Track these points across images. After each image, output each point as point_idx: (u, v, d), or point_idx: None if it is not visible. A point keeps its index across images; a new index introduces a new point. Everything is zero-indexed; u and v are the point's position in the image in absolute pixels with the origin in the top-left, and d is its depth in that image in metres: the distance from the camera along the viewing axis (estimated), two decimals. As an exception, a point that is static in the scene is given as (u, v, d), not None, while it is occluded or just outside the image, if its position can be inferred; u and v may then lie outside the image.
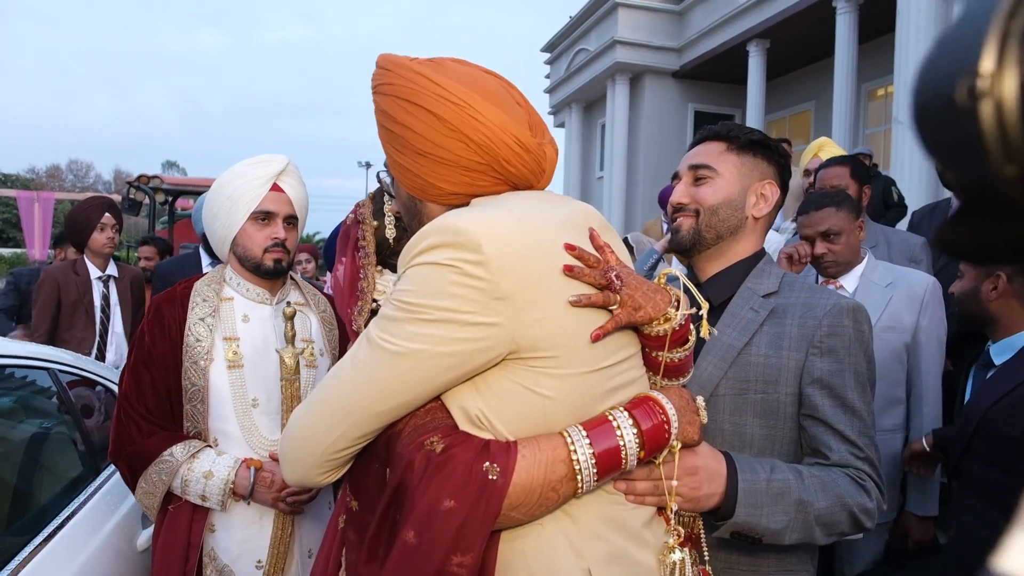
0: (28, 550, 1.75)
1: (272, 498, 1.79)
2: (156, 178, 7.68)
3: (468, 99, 1.02)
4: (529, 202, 1.05)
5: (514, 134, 1.04)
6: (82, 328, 3.81)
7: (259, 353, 1.88)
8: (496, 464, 0.91)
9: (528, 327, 0.93)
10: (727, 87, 14.95)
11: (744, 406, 1.39)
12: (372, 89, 1.11)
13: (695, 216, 1.47)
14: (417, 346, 0.93)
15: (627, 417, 0.99)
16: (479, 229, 0.93)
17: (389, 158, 1.12)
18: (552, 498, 0.94)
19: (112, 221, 3.90)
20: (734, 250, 1.49)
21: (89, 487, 2.17)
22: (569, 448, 0.95)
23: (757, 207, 1.48)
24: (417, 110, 1.03)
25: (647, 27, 14.56)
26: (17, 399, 2.28)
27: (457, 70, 1.09)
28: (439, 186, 1.06)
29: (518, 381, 0.96)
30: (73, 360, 2.50)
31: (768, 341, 1.40)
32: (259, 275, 1.92)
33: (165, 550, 1.80)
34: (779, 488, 1.23)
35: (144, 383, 1.82)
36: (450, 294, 0.92)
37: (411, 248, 0.98)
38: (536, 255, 0.96)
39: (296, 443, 1.03)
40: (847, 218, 2.43)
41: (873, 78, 11.79)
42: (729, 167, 1.47)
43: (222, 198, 1.88)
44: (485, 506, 0.90)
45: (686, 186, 1.50)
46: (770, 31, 12.12)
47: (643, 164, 15.13)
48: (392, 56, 1.10)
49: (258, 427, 1.86)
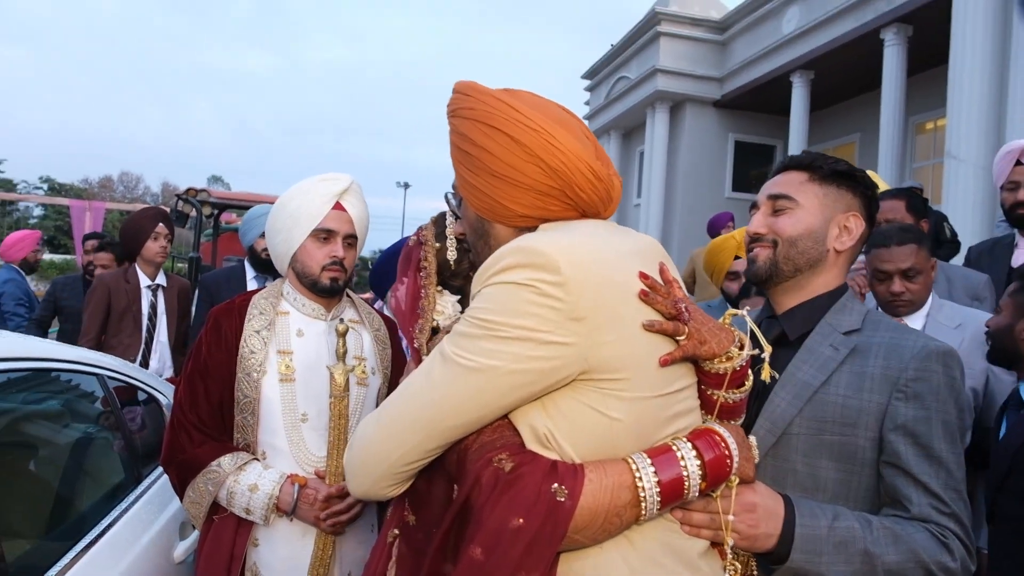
0: (70, 556, 1.75)
1: (314, 516, 1.77)
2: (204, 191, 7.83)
3: (546, 126, 1.07)
4: (598, 231, 1.08)
5: (587, 162, 1.08)
6: (129, 335, 3.87)
7: (311, 368, 1.87)
8: (564, 486, 0.92)
9: (600, 348, 0.96)
10: (769, 118, 14.84)
11: (819, 447, 1.32)
12: (450, 113, 1.16)
13: (772, 247, 1.44)
14: (493, 362, 0.95)
15: (690, 448, 1.01)
16: (558, 251, 0.96)
17: (461, 179, 1.15)
18: (615, 523, 0.96)
19: (165, 231, 3.98)
20: (814, 284, 1.44)
21: (131, 495, 2.17)
22: (634, 475, 0.96)
23: (840, 240, 1.43)
24: (496, 134, 1.08)
25: (689, 56, 14.56)
26: (64, 402, 2.31)
27: (533, 100, 1.14)
28: (510, 208, 1.10)
29: (586, 402, 0.98)
30: (121, 366, 2.53)
31: (848, 381, 1.33)
32: (315, 292, 1.93)
33: (209, 561, 1.79)
34: (842, 536, 1.18)
35: (198, 393, 1.84)
36: (528, 313, 0.95)
37: (488, 268, 1.01)
38: (609, 280, 0.99)
39: (365, 455, 1.05)
40: (926, 256, 2.33)
41: (922, 111, 11.58)
42: (810, 198, 1.43)
43: (285, 214, 1.89)
44: (552, 527, 0.91)
45: (764, 216, 1.46)
46: (814, 62, 12.02)
47: (681, 193, 15.04)
48: (472, 83, 1.15)
49: (306, 442, 1.85)
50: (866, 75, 11.59)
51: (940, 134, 10.39)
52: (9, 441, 1.97)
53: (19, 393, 2.05)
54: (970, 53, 7.90)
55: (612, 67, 17.07)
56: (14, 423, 1.99)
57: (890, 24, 10.28)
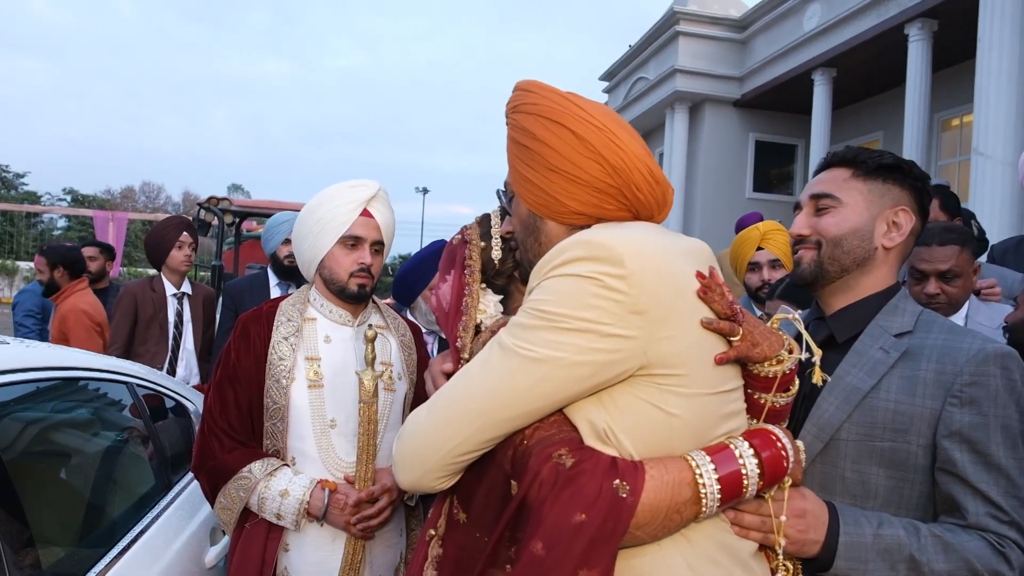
0: (104, 562, 1.76)
1: (344, 521, 1.78)
2: (225, 200, 7.90)
3: (609, 125, 1.10)
4: (652, 230, 1.08)
5: (646, 163, 1.11)
6: (155, 343, 3.91)
7: (339, 374, 1.88)
8: (626, 482, 0.93)
9: (660, 343, 0.97)
10: (790, 116, 14.69)
11: (869, 454, 1.28)
12: (511, 110, 1.17)
13: (816, 248, 1.40)
14: (555, 353, 0.96)
15: (747, 445, 1.02)
16: (621, 246, 0.98)
17: (516, 174, 1.17)
18: (675, 520, 0.97)
19: (189, 240, 4.03)
20: (863, 284, 1.39)
21: (162, 501, 2.19)
22: (694, 471, 0.97)
23: (888, 236, 1.38)
24: (558, 128, 1.10)
25: (708, 56, 14.47)
26: (94, 410, 2.33)
27: (595, 103, 1.16)
28: (565, 204, 1.11)
29: (645, 398, 0.99)
30: (149, 374, 2.55)
31: (899, 386, 1.29)
32: (343, 298, 1.94)
33: (240, 567, 1.81)
34: (887, 544, 1.17)
35: (228, 399, 1.85)
36: (591, 305, 0.95)
37: (550, 260, 1.01)
38: (669, 275, 1.00)
39: (416, 446, 1.05)
40: (968, 259, 2.24)
41: (948, 107, 11.41)
42: (855, 195, 1.39)
43: (313, 220, 1.90)
44: (614, 522, 0.91)
45: (807, 216, 1.43)
46: (836, 59, 11.88)
47: (701, 194, 14.94)
48: (536, 81, 1.18)
49: (335, 448, 1.86)
50: (890, 71, 11.43)
51: (966, 131, 10.23)
52: (42, 449, 1.99)
53: (50, 402, 2.07)
54: (997, 47, 7.76)
55: (630, 68, 17.01)
56: (46, 431, 2.01)
57: (914, 19, 10.14)
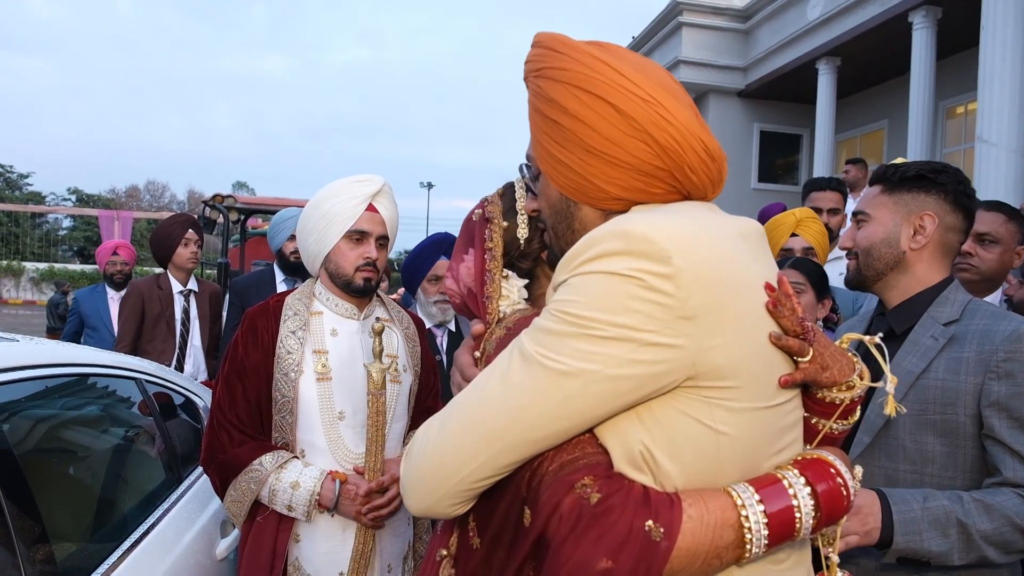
0: (116, 555, 1.79)
1: (355, 511, 1.81)
2: (230, 197, 7.93)
3: (657, 95, 0.92)
4: (701, 212, 0.94)
5: (702, 139, 0.94)
6: (163, 340, 3.94)
7: (346, 367, 1.91)
8: (660, 523, 0.80)
9: (711, 352, 0.83)
10: (795, 106, 14.62)
11: (924, 426, 1.51)
12: (532, 72, 0.99)
13: (856, 258, 1.66)
14: (587, 366, 0.82)
15: (800, 477, 0.88)
16: (667, 238, 0.82)
17: (542, 151, 1.00)
18: (714, 565, 0.84)
19: (195, 237, 4.06)
20: (904, 282, 1.62)
21: (172, 495, 2.21)
22: (739, 510, 0.83)
23: (915, 240, 1.59)
24: (597, 102, 0.92)
25: (712, 46, 14.40)
26: (104, 407, 2.36)
27: (635, 60, 0.97)
28: (605, 189, 0.95)
29: (689, 413, 0.85)
30: (158, 370, 2.58)
31: (946, 367, 1.51)
32: (349, 292, 1.96)
33: (252, 558, 1.84)
34: (935, 514, 1.38)
35: (236, 393, 1.87)
36: (630, 309, 0.81)
37: (580, 253, 0.86)
38: (723, 272, 0.85)
39: (428, 470, 0.91)
40: (1011, 233, 2.28)
41: (952, 95, 11.34)
42: (880, 209, 1.63)
43: (318, 215, 1.92)
44: (645, 571, 0.79)
45: (851, 230, 1.69)
46: (841, 48, 11.81)
47: (706, 184, 14.90)
48: (562, 36, 0.98)
49: (344, 439, 1.89)
50: (894, 60, 11.36)
51: (971, 118, 10.15)
52: (53, 446, 2.01)
53: (60, 399, 2.10)
54: (1000, 35, 7.71)
55: (633, 60, 16.95)
56: (57, 428, 2.03)
57: (918, 7, 10.06)
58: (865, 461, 1.55)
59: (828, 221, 3.54)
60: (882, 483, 1.53)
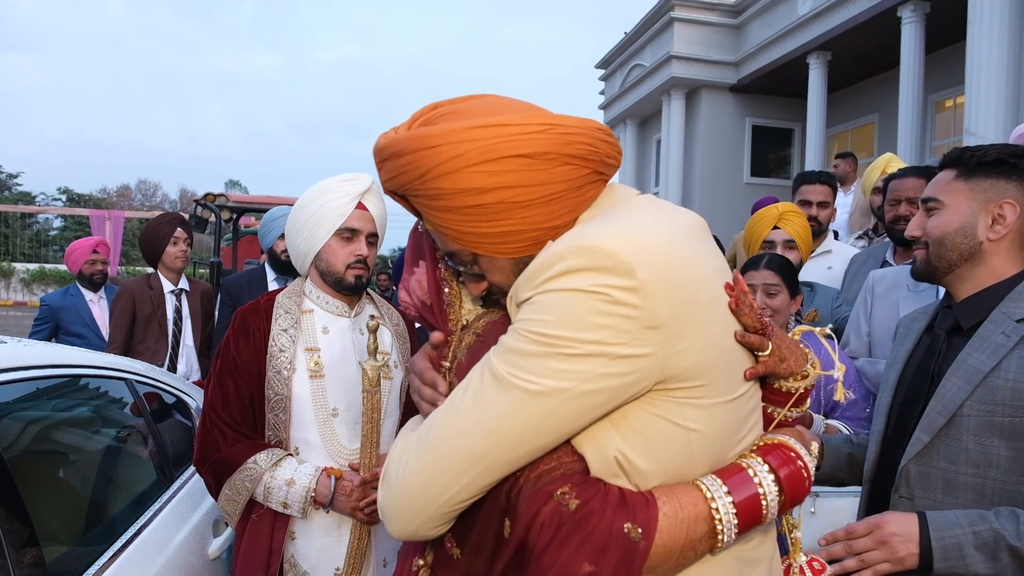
0: (106, 557, 1.79)
1: (351, 507, 1.83)
2: (222, 196, 7.91)
3: (543, 119, 0.93)
4: (650, 212, 0.95)
5: (597, 127, 0.96)
6: (155, 340, 3.93)
7: (338, 364, 1.92)
8: (637, 524, 0.83)
9: (678, 356, 0.85)
10: (786, 101, 14.67)
11: (990, 428, 1.42)
12: (414, 180, 0.94)
13: (925, 248, 1.55)
14: (561, 384, 0.83)
15: (763, 465, 0.93)
16: (629, 250, 0.83)
17: (472, 237, 0.97)
18: (689, 556, 0.88)
19: (184, 235, 4.04)
20: (978, 274, 1.52)
21: (164, 495, 2.22)
22: (708, 501, 0.88)
23: (993, 230, 1.49)
24: (506, 163, 0.90)
25: (703, 41, 14.43)
26: (95, 408, 2.36)
27: (483, 105, 0.98)
28: (554, 225, 0.95)
29: (660, 414, 0.88)
30: (148, 371, 2.58)
31: (1018, 366, 1.41)
32: (340, 290, 1.97)
33: (247, 557, 1.85)
34: (984, 538, 1.33)
35: (229, 392, 1.88)
36: (599, 325, 0.82)
37: (541, 271, 0.86)
38: (683, 276, 0.87)
39: (408, 496, 0.91)
40: None
41: (941, 88, 11.40)
42: (955, 196, 1.51)
43: (308, 213, 1.92)
44: (626, 571, 0.82)
45: (919, 218, 1.58)
46: (831, 43, 11.86)
47: (699, 180, 14.94)
48: (420, 134, 0.93)
49: (338, 436, 1.90)
50: (884, 54, 11.41)
51: (960, 112, 10.19)
52: (43, 447, 2.01)
53: (50, 400, 2.10)
54: (987, 29, 7.76)
55: (626, 55, 16.96)
56: (47, 429, 2.03)
57: (907, 1, 10.12)
58: (923, 461, 1.50)
59: (818, 214, 3.56)
60: (940, 486, 1.47)
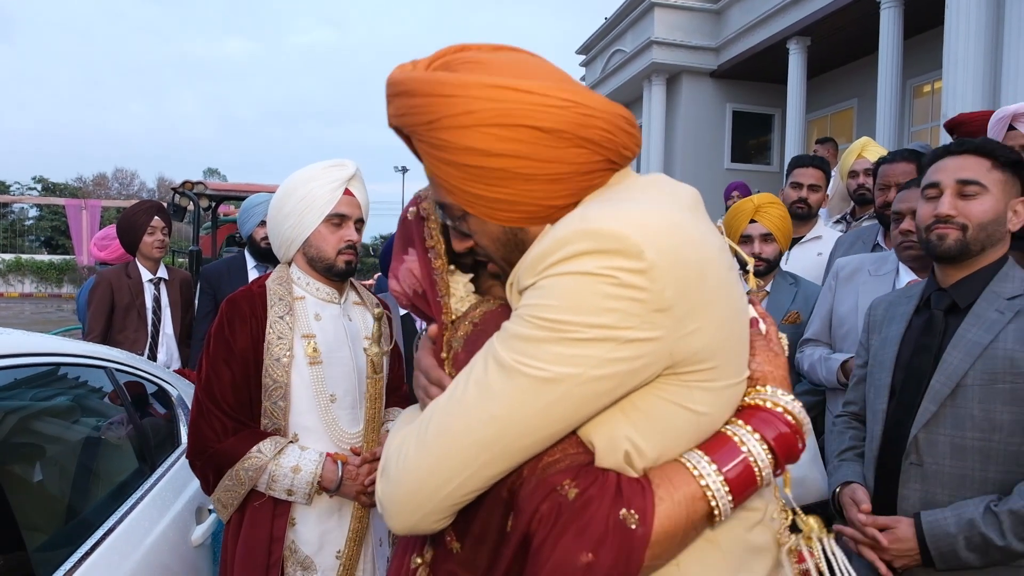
0: (88, 545, 1.78)
1: (356, 491, 1.85)
2: (200, 184, 7.83)
3: (567, 94, 0.87)
4: (655, 191, 0.92)
5: (621, 114, 0.92)
6: (134, 330, 3.89)
7: (333, 350, 1.94)
8: (633, 509, 0.81)
9: (688, 339, 0.83)
10: (766, 86, 14.73)
11: (993, 395, 1.58)
12: (420, 124, 0.90)
13: (961, 230, 1.64)
14: (569, 370, 0.80)
15: (747, 429, 0.89)
16: (636, 231, 0.81)
17: (467, 196, 0.93)
18: (692, 536, 0.87)
19: (161, 224, 3.98)
20: (983, 258, 1.68)
21: (145, 483, 2.21)
22: (696, 479, 0.85)
23: (1012, 222, 1.66)
24: (519, 132, 0.86)
25: (684, 27, 14.43)
26: (75, 397, 2.34)
27: (519, 62, 0.93)
28: (553, 204, 0.92)
29: (670, 399, 0.86)
30: (128, 359, 2.56)
31: (1014, 337, 1.58)
32: (330, 276, 1.98)
33: (248, 545, 1.84)
34: (975, 543, 1.52)
35: (224, 380, 1.85)
36: (607, 308, 0.80)
37: (546, 256, 0.84)
38: (690, 257, 0.83)
39: (409, 489, 0.88)
40: None
41: (919, 74, 11.50)
42: (997, 186, 1.64)
43: (294, 200, 1.92)
44: (627, 561, 0.80)
45: (953, 198, 1.66)
46: (811, 28, 11.91)
47: (680, 166, 14.98)
48: (439, 77, 0.88)
49: (338, 421, 1.92)
50: (863, 39, 11.48)
51: (938, 97, 10.31)
52: (23, 437, 1.99)
53: (30, 389, 2.08)
54: (964, 13, 7.83)
55: (607, 41, 16.92)
56: (27, 419, 2.01)
57: (885, -14, 10.17)
58: (931, 430, 1.63)
59: (808, 197, 3.62)
60: (948, 451, 1.62)
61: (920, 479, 1.66)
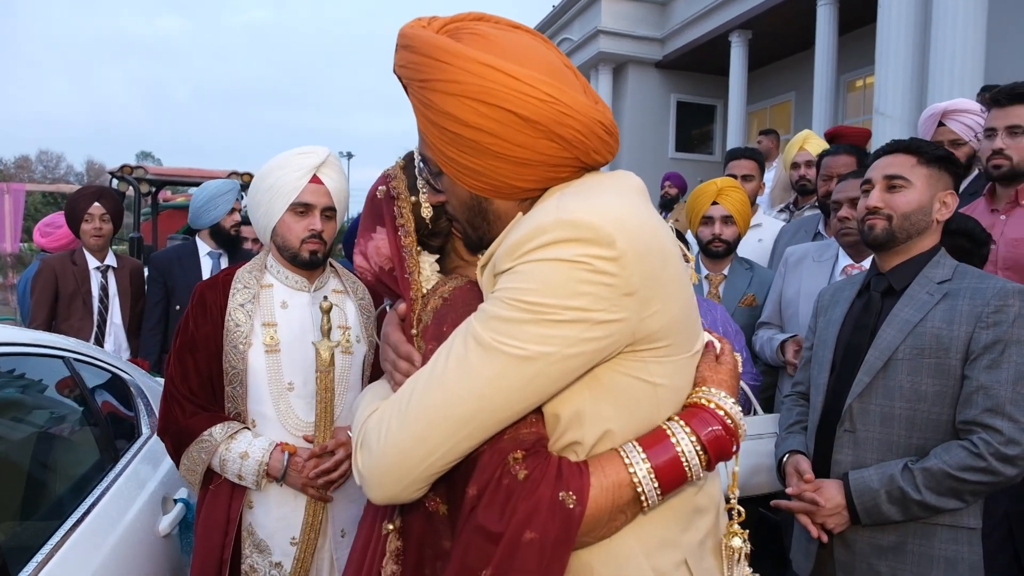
0: (56, 539, 1.75)
1: (301, 483, 1.86)
2: (140, 168, 7.54)
3: (553, 91, 0.94)
4: (617, 190, 0.99)
5: (600, 121, 0.98)
6: (79, 318, 3.78)
7: (296, 339, 1.94)
8: (571, 491, 0.90)
9: (648, 320, 0.92)
10: (710, 78, 15.05)
11: (920, 368, 1.75)
12: (415, 80, 0.97)
13: (887, 220, 1.84)
14: (545, 349, 0.88)
15: (683, 427, 0.97)
16: (609, 222, 0.88)
17: (443, 156, 1.01)
18: (620, 519, 0.95)
19: (101, 211, 3.84)
20: (916, 246, 1.85)
21: (110, 474, 2.17)
22: (627, 467, 0.93)
23: (940, 212, 1.84)
24: (497, 112, 0.93)
25: (630, 17, 14.60)
26: (30, 387, 2.28)
27: (520, 48, 0.98)
28: (518, 185, 1.00)
29: (628, 373, 0.95)
30: (85, 348, 2.50)
31: (941, 317, 1.75)
32: (296, 265, 1.98)
33: (206, 524, 1.89)
34: (895, 496, 1.70)
35: (188, 366, 1.90)
36: (581, 292, 0.87)
37: (523, 243, 0.90)
38: (653, 246, 0.93)
39: (392, 460, 0.93)
40: None
41: (853, 69, 11.95)
42: (921, 180, 1.83)
43: (264, 187, 1.92)
44: (562, 535, 0.89)
45: (881, 192, 1.87)
46: (752, 22, 12.23)
47: (626, 155, 15.19)
48: (439, 41, 0.95)
49: (293, 409, 1.92)
50: (801, 34, 11.85)
51: (870, 91, 10.75)
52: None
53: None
54: (896, 11, 8.17)
55: (554, 28, 16.96)
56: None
57: (823, -17, 10.52)
58: (864, 400, 1.81)
59: (744, 187, 3.77)
60: (878, 420, 1.79)
61: (852, 445, 1.83)
